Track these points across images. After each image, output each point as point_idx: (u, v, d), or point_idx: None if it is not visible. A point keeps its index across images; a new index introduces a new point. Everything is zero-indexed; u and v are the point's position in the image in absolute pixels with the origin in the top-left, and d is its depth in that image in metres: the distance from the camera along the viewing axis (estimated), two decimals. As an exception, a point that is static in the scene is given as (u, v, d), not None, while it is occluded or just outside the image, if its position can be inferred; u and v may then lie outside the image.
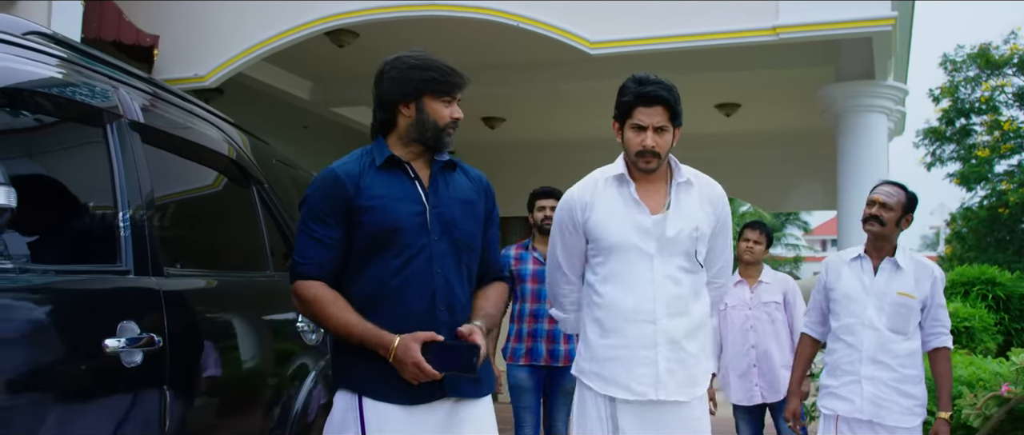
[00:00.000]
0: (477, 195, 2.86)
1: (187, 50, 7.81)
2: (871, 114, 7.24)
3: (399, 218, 2.66)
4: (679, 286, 3.05)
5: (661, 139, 3.03)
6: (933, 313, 4.01)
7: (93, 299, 2.27)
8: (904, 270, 3.99)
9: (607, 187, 3.15)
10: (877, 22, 6.17)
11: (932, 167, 26.96)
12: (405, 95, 2.72)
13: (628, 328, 3.04)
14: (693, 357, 3.06)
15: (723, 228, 3.23)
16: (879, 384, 3.89)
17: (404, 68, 2.74)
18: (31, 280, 2.06)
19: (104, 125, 2.52)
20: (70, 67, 2.56)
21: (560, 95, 10.08)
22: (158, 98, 2.98)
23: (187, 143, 3.01)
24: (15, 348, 1.95)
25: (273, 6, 7.67)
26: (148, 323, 2.37)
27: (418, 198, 2.72)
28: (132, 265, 2.42)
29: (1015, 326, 9.14)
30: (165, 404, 2.39)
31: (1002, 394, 4.49)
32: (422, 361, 2.51)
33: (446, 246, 2.71)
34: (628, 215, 3.07)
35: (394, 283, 2.64)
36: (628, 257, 3.05)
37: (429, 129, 2.72)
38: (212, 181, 3.26)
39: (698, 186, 3.16)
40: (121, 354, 2.22)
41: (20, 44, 2.42)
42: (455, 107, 2.78)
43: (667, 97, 3.02)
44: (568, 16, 6.91)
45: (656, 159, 3.04)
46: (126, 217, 2.46)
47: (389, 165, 2.73)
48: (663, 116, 3.02)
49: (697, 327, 3.10)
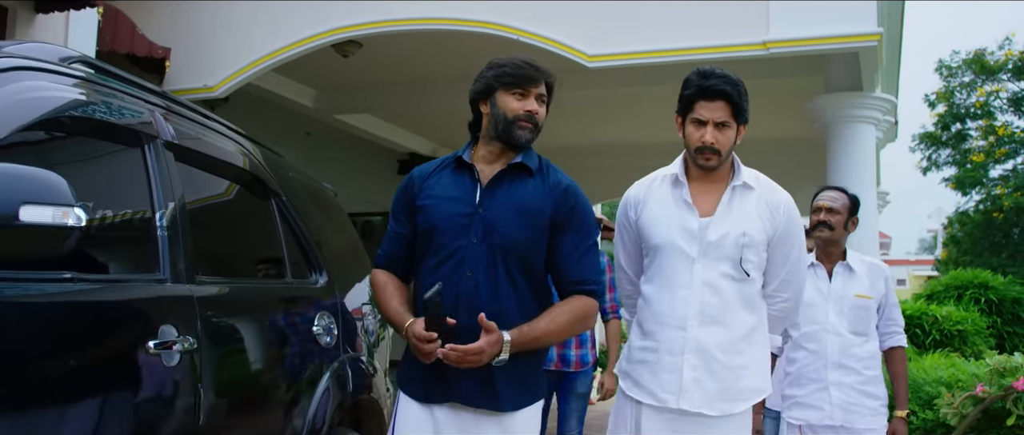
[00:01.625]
0: (544, 200, 2.77)
1: (197, 61, 8.05)
2: (859, 125, 7.48)
3: (441, 218, 2.72)
4: (718, 294, 2.90)
5: (722, 135, 2.91)
6: (887, 313, 4.05)
7: (138, 305, 2.50)
8: (857, 272, 4.02)
9: (662, 186, 3.07)
10: (863, 38, 6.42)
11: (928, 171, 27.18)
12: (482, 93, 2.81)
13: (660, 331, 2.94)
14: (729, 370, 2.88)
15: (785, 238, 3.01)
16: (846, 389, 3.91)
17: (485, 69, 2.84)
18: (86, 288, 2.31)
19: (142, 146, 2.76)
20: (109, 91, 2.79)
21: (560, 103, 10.28)
22: (187, 118, 3.21)
23: (213, 160, 3.25)
24: (74, 349, 2.19)
25: (281, 19, 7.92)
26: (184, 326, 2.60)
27: (470, 200, 2.74)
28: (169, 274, 2.66)
29: (1007, 329, 9.32)
30: (199, 399, 2.63)
31: (977, 394, 4.72)
32: (418, 330, 2.60)
33: (483, 250, 2.69)
34: (677, 216, 2.98)
35: (427, 282, 2.68)
36: (670, 258, 2.95)
37: (500, 123, 2.75)
38: (236, 194, 3.50)
39: (759, 190, 3.02)
40: (162, 354, 2.46)
41: (62, 72, 2.64)
42: (531, 101, 2.77)
43: (730, 92, 2.90)
44: (567, 31, 7.15)
45: (716, 156, 2.92)
46: (163, 229, 2.69)
47: (459, 166, 2.82)
48: (725, 111, 2.90)
49: (737, 340, 2.91)
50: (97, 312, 2.31)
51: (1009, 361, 4.75)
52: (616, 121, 11.07)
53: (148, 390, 2.42)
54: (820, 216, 4.06)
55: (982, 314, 9.12)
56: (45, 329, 2.11)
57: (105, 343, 2.30)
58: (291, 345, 3.42)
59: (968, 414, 4.74)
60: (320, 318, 3.56)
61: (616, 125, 11.29)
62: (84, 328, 2.25)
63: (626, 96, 9.68)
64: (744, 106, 2.92)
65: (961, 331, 8.27)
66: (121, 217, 2.65)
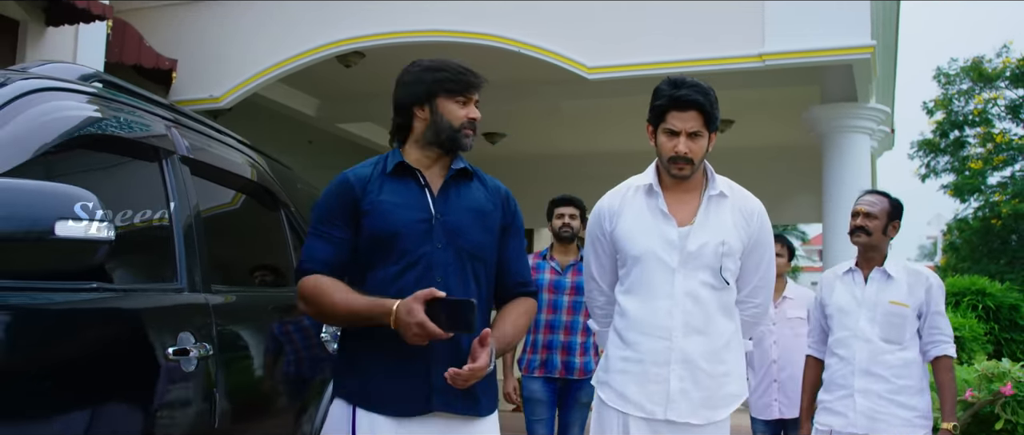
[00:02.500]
0: (493, 205, 2.75)
1: (204, 73, 8.19)
2: (854, 134, 7.61)
3: (400, 224, 2.60)
4: (699, 304, 2.92)
5: (695, 145, 2.91)
6: (931, 321, 3.90)
7: (158, 313, 2.63)
8: (895, 279, 3.91)
9: (636, 196, 3.05)
10: (856, 50, 6.55)
11: (926, 178, 27.30)
12: (419, 97, 2.68)
13: (643, 342, 2.93)
14: (712, 379, 2.91)
15: (758, 245, 3.06)
16: (872, 396, 3.81)
17: (418, 71, 2.71)
18: (110, 298, 2.43)
19: (160, 161, 2.88)
20: (128, 109, 2.92)
21: (559, 112, 10.44)
22: (200, 133, 3.34)
23: (226, 173, 3.37)
24: (100, 354, 2.31)
25: (287, 31, 8.05)
26: (201, 333, 2.73)
27: (425, 205, 2.64)
28: (186, 283, 2.78)
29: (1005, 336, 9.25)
30: (215, 402, 2.76)
31: (966, 399, 4.84)
32: (426, 320, 2.38)
33: (450, 255, 2.61)
34: (655, 226, 2.97)
35: (391, 291, 2.53)
36: (650, 269, 2.94)
37: (444, 130, 2.66)
38: (247, 206, 3.63)
39: (733, 198, 3.04)
40: (181, 360, 2.58)
41: (85, 91, 2.76)
42: (472, 107, 2.71)
43: (701, 101, 2.90)
44: (568, 43, 7.28)
45: (689, 166, 2.93)
46: (180, 241, 2.82)
47: (399, 172, 2.69)
48: (697, 121, 2.90)
49: (719, 348, 2.94)
50: (121, 320, 2.44)
51: (997, 367, 4.87)
52: (614, 129, 11.20)
53: (168, 394, 2.54)
54: (858, 221, 3.98)
55: (980, 320, 8.92)
56: (74, 336, 2.24)
57: (128, 349, 2.43)
58: (299, 351, 3.54)
59: (959, 418, 4.85)
60: (327, 325, 3.68)
61: (614, 133, 11.41)
62: (109, 335, 2.38)
63: (624, 105, 9.81)
64: (715, 114, 2.93)
65: (959, 338, 8.04)
66: (141, 229, 2.77)
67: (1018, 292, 10.26)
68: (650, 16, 7.21)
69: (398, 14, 7.67)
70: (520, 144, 12.03)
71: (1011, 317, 9.36)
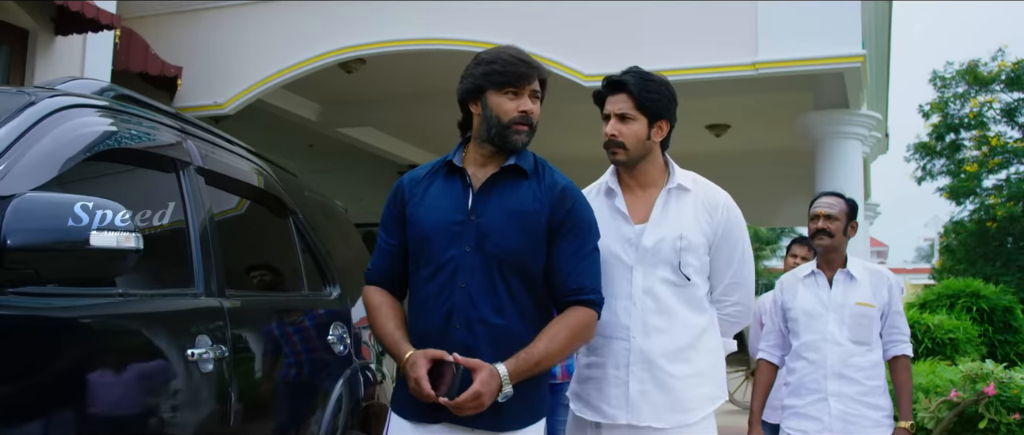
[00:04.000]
0: (540, 204, 2.58)
1: (208, 80, 8.34)
2: (846, 140, 7.77)
3: (431, 228, 2.54)
4: (659, 301, 2.80)
5: (625, 127, 2.82)
6: (891, 321, 3.92)
7: (177, 317, 2.77)
8: (859, 280, 3.91)
9: (597, 199, 2.94)
10: (847, 59, 6.71)
11: (922, 181, 27.46)
12: (470, 92, 2.60)
13: (604, 345, 2.84)
14: (677, 380, 2.78)
15: (727, 239, 2.90)
16: (846, 400, 3.80)
17: (473, 65, 2.63)
18: (134, 302, 2.58)
19: (177, 172, 3.03)
20: (146, 122, 3.06)
21: (558, 116, 10.59)
22: (213, 144, 3.49)
23: (237, 182, 3.52)
24: (124, 356, 2.46)
25: (290, 38, 8.21)
26: (216, 336, 2.88)
27: (462, 207, 2.56)
28: (202, 288, 2.93)
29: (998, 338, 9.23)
30: (230, 402, 2.90)
31: (951, 399, 4.98)
32: (422, 378, 2.38)
33: (478, 260, 2.51)
34: (613, 225, 2.87)
35: (420, 295, 2.56)
36: (610, 270, 2.82)
37: (493, 126, 2.56)
38: (257, 213, 3.77)
39: (695, 192, 2.91)
40: (199, 361, 2.73)
41: (107, 107, 2.90)
42: (525, 100, 2.57)
43: (628, 82, 2.82)
44: (565, 52, 7.45)
45: (622, 150, 2.84)
46: (196, 247, 2.97)
47: (449, 171, 2.64)
48: (626, 103, 2.81)
49: (684, 347, 2.81)
50: (144, 323, 2.59)
51: (981, 368, 5.01)
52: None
53: (188, 395, 2.69)
54: (818, 223, 3.96)
55: (974, 322, 9.09)
56: (102, 338, 2.39)
57: (150, 351, 2.57)
58: (309, 353, 3.68)
59: (943, 418, 4.99)
60: (334, 328, 3.82)
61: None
62: (132, 338, 2.53)
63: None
64: (651, 98, 2.81)
65: (953, 339, 8.24)
66: (160, 236, 2.92)
67: (1012, 295, 10.38)
68: (646, 26, 7.37)
69: (400, 23, 7.83)
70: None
71: (1005, 319, 9.43)
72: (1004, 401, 4.87)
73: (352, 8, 8.04)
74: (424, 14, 7.73)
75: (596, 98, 2.93)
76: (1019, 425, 4.81)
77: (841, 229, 3.97)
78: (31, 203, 1.98)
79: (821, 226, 3.96)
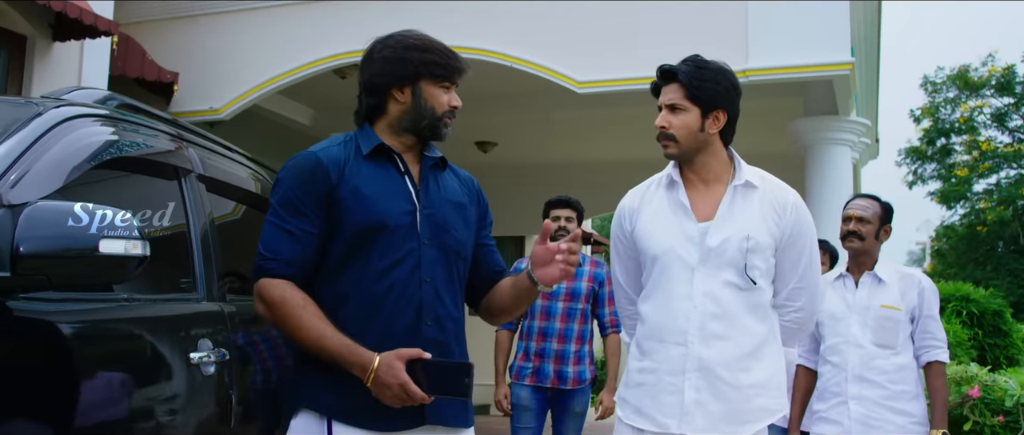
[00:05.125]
0: (469, 199, 2.57)
1: (204, 85, 8.41)
2: (836, 147, 7.86)
3: (386, 215, 2.35)
4: (721, 305, 2.64)
5: (675, 118, 2.69)
6: (923, 325, 3.83)
7: (180, 321, 2.85)
8: (887, 283, 3.85)
9: (657, 192, 2.83)
10: (836, 67, 6.80)
11: (913, 185, 27.66)
12: (400, 78, 2.43)
13: (659, 350, 2.69)
14: (736, 390, 2.62)
15: (795, 241, 2.73)
16: (867, 403, 3.74)
17: (400, 48, 2.46)
18: (139, 307, 2.65)
19: (179, 179, 3.10)
20: (148, 131, 3.13)
21: (550, 122, 10.68)
22: (214, 151, 3.56)
23: (236, 189, 3.59)
24: (130, 359, 2.53)
25: (286, 44, 8.28)
26: (218, 340, 2.95)
27: (408, 195, 2.41)
28: (204, 293, 3.01)
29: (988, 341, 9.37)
30: (231, 404, 2.98)
31: (937, 401, 5.07)
32: (409, 382, 2.18)
33: (437, 252, 2.40)
34: (675, 222, 2.73)
35: (376, 290, 2.32)
36: (669, 269, 2.70)
37: (426, 117, 2.43)
38: (256, 220, 3.83)
39: (763, 190, 2.76)
40: (201, 364, 2.80)
41: (111, 116, 2.96)
42: (454, 94, 2.49)
43: (677, 70, 2.72)
44: (559, 58, 7.52)
45: (672, 143, 2.71)
46: (198, 253, 3.04)
47: (377, 154, 2.43)
48: (677, 93, 2.69)
49: (744, 355, 2.65)
50: (148, 327, 2.66)
51: (966, 371, 5.11)
52: (602, 139, 11.44)
53: (191, 397, 2.76)
54: (850, 226, 3.91)
55: (964, 326, 9.25)
56: (107, 342, 2.46)
57: (155, 355, 2.64)
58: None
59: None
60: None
61: (602, 143, 11.66)
62: (137, 341, 2.60)
63: (613, 116, 10.05)
64: (704, 86, 2.68)
65: None
66: (163, 243, 2.99)
67: (1001, 299, 10.49)
68: (638, 33, 7.45)
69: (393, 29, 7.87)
70: (511, 153, 12.25)
71: (995, 323, 9.59)
72: (988, 403, 4.97)
73: (347, 15, 8.11)
74: (416, 21, 7.76)
75: (653, 91, 2.82)
76: (1003, 427, 4.90)
77: (873, 232, 3.90)
78: (43, 211, 2.04)
79: (852, 229, 3.91)
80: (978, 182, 26.43)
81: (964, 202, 26.86)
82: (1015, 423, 4.87)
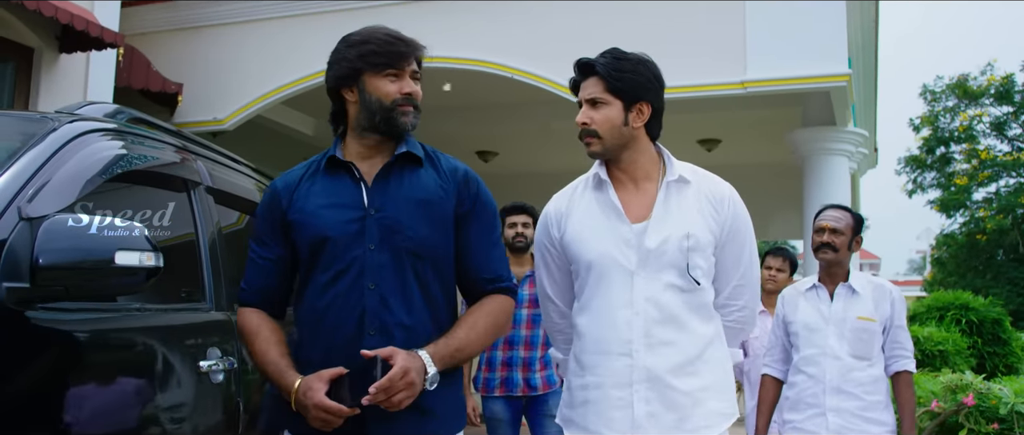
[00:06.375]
0: (444, 192, 2.37)
1: (208, 96, 8.49)
2: (833, 157, 7.94)
3: (326, 227, 2.30)
4: (664, 310, 2.48)
5: (597, 113, 2.53)
6: (893, 335, 3.84)
7: (190, 330, 2.92)
8: (861, 294, 3.85)
9: (585, 194, 2.66)
10: (833, 78, 6.88)
11: (913, 194, 27.74)
12: (345, 78, 2.37)
13: (602, 363, 2.51)
14: (685, 395, 2.46)
15: (735, 235, 2.59)
16: (845, 414, 3.74)
17: (342, 47, 2.41)
18: (151, 316, 2.72)
19: (188, 192, 3.18)
20: (160, 146, 3.20)
21: (549, 131, 10.76)
22: (221, 164, 3.63)
23: (243, 200, 3.66)
24: (142, 366, 2.60)
25: (289, 55, 8.37)
26: (225, 348, 3.02)
27: (358, 203, 2.32)
28: (212, 303, 3.08)
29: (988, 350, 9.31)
30: (239, 411, 3.04)
31: (932, 409, 5.13)
32: (324, 401, 2.11)
33: (386, 257, 2.28)
34: (608, 225, 2.56)
35: (319, 305, 2.29)
36: (606, 276, 2.52)
37: (376, 111, 2.33)
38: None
39: (697, 184, 2.60)
40: (210, 372, 2.87)
41: (123, 130, 3.03)
42: (407, 81, 2.35)
43: (596, 63, 2.57)
44: (558, 69, 7.61)
45: (595, 139, 2.55)
46: (206, 263, 3.11)
47: (332, 167, 2.39)
48: (597, 87, 2.54)
49: (692, 360, 2.49)
50: (160, 337, 2.73)
51: (961, 379, 5.17)
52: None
53: (201, 404, 2.83)
54: (823, 237, 3.90)
55: (963, 334, 9.21)
56: (121, 350, 2.54)
57: (167, 363, 2.71)
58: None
59: (925, 427, 5.15)
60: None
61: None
62: (150, 350, 2.67)
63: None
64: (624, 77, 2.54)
65: (942, 351, 8.34)
66: (173, 253, 3.06)
67: (1001, 306, 10.52)
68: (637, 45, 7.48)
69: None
70: (512, 162, 12.34)
71: (994, 331, 9.51)
72: (983, 411, 5.03)
73: (348, 26, 8.08)
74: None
75: (572, 87, 2.67)
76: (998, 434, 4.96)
77: (846, 243, 3.91)
78: (60, 224, 2.12)
79: (826, 240, 3.91)
80: (977, 191, 26.50)
81: (964, 210, 26.93)
82: (1010, 431, 4.93)
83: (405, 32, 2.44)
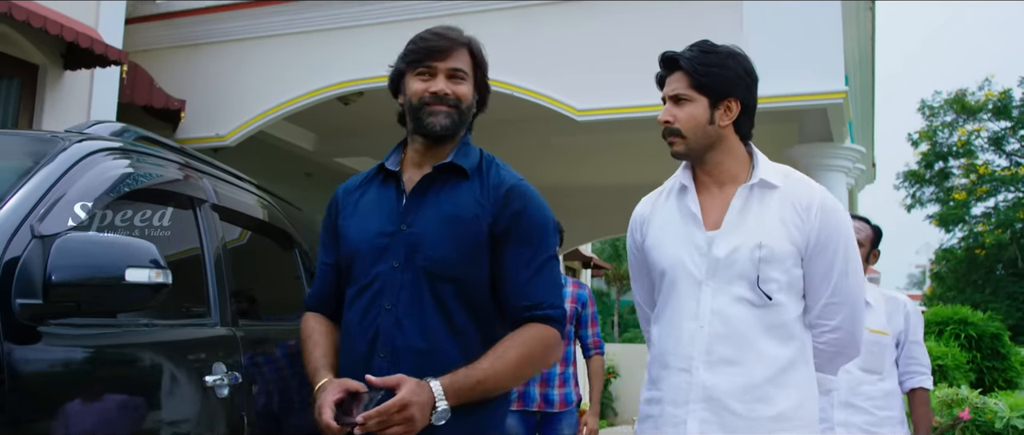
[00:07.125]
0: (481, 207, 2.22)
1: (210, 113, 8.54)
2: (831, 173, 7.98)
3: (359, 241, 2.26)
4: (731, 325, 2.29)
5: (680, 111, 2.39)
6: (908, 351, 3.76)
7: (196, 345, 2.97)
8: (874, 306, 3.75)
9: (669, 199, 2.52)
10: (830, 96, 6.93)
11: (912, 209, 27.81)
12: (393, 80, 2.37)
13: (665, 377, 2.36)
14: (750, 422, 2.24)
15: (824, 246, 2.33)
16: (853, 429, 3.63)
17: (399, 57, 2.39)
18: (157, 331, 2.78)
19: (194, 209, 3.24)
20: (167, 164, 3.26)
21: (549, 147, 10.81)
22: (226, 181, 3.69)
23: (247, 217, 3.73)
24: (149, 380, 2.65)
25: (291, 72, 8.42)
26: (231, 363, 3.07)
27: (393, 216, 2.24)
28: (218, 318, 3.13)
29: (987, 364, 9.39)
30: (245, 425, 3.09)
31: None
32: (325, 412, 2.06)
33: (408, 276, 2.17)
34: (684, 231, 2.41)
35: (347, 319, 2.28)
36: (677, 285, 2.37)
37: (410, 114, 2.29)
38: (265, 247, 3.97)
39: (785, 189, 2.38)
40: (216, 387, 2.92)
41: (130, 149, 3.10)
42: (439, 80, 2.24)
43: (680, 58, 2.43)
44: (559, 87, 7.65)
45: (678, 138, 2.41)
46: (212, 279, 3.17)
47: (385, 177, 2.35)
48: (681, 82, 2.40)
49: (762, 383, 2.26)
50: (167, 352, 2.78)
51: (957, 393, 5.22)
52: (601, 163, 11.57)
53: (206, 418, 2.88)
54: None
55: (962, 349, 9.26)
56: (129, 365, 2.59)
57: (173, 377, 2.76)
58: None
59: (922, 442, 5.20)
60: (338, 355, 4.00)
61: (602, 168, 11.80)
62: (158, 365, 2.72)
63: (612, 141, 10.17)
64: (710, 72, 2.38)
65: (941, 366, 8.33)
66: (180, 270, 3.12)
67: (1000, 321, 10.56)
68: (637, 63, 7.56)
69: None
70: (512, 177, 12.35)
71: (993, 346, 9.59)
72: (979, 425, 5.07)
73: (351, 43, 8.25)
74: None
75: (658, 82, 2.54)
76: (993, 448, 5.01)
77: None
78: (73, 242, 2.17)
79: None
80: (976, 205, 26.60)
81: (962, 225, 27.02)
82: (1005, 444, 4.99)
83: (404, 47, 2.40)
